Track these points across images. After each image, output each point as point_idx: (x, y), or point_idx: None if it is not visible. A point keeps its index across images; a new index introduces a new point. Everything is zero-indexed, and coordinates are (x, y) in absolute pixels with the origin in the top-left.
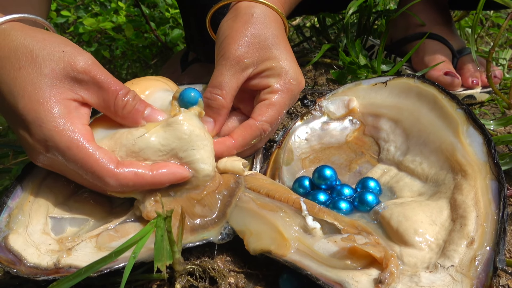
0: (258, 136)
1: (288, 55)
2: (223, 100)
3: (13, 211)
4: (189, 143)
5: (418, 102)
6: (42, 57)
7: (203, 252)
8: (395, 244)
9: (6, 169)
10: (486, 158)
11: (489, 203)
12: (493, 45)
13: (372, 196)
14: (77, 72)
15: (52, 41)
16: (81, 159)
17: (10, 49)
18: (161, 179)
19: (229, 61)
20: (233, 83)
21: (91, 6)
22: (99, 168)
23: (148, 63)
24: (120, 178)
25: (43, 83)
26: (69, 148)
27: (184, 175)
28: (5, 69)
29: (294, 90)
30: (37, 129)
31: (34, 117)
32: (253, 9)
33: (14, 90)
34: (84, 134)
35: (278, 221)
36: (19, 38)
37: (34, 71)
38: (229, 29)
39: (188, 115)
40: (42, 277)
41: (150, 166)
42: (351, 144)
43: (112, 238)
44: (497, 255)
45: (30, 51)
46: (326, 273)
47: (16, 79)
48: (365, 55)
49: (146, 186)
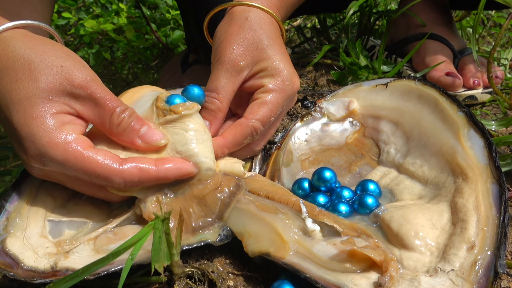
0: (250, 135)
1: (282, 56)
2: (220, 104)
3: (11, 214)
4: (188, 138)
5: (418, 104)
6: (39, 71)
7: (202, 255)
8: (395, 247)
9: (6, 172)
10: (487, 161)
11: (490, 207)
12: (494, 45)
13: (372, 199)
14: (74, 87)
15: (51, 54)
16: (82, 168)
17: (9, 59)
18: (166, 174)
19: (224, 65)
20: (229, 86)
21: (92, 7)
22: (103, 170)
23: (149, 64)
24: (125, 175)
25: (38, 98)
26: (67, 160)
27: (189, 170)
28: (2, 81)
29: (287, 90)
30: (31, 145)
31: (27, 133)
32: (248, 13)
33: (10, 103)
34: (79, 143)
35: (277, 223)
36: (18, 48)
37: (30, 85)
38: (225, 33)
39: (189, 113)
40: (39, 280)
41: (154, 160)
42: (351, 146)
43: (110, 241)
44: (498, 259)
45: (29, 63)
46: (325, 276)
47: (12, 92)
48: (366, 55)
49: (151, 181)
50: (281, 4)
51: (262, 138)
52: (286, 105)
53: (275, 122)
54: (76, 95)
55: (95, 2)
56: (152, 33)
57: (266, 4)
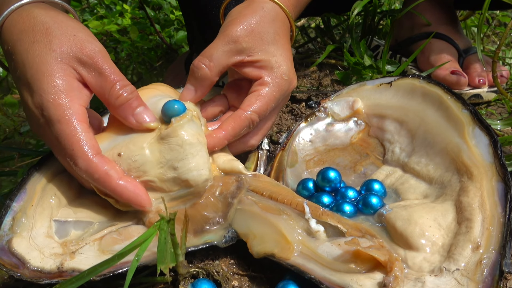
0: (247, 126)
1: (284, 53)
2: (208, 72)
3: (17, 214)
4: (183, 153)
5: (423, 102)
6: (55, 35)
7: (207, 255)
8: (400, 247)
9: (12, 172)
10: (492, 160)
11: (495, 205)
12: (499, 45)
13: (376, 199)
14: (83, 55)
15: (69, 24)
16: (65, 135)
17: (30, 24)
18: (121, 192)
19: (226, 38)
20: (223, 60)
21: (96, 9)
22: (77, 147)
23: (153, 65)
24: (91, 166)
25: (50, 57)
26: (59, 121)
27: (143, 204)
28: (22, 41)
29: (284, 85)
30: (38, 98)
31: (38, 87)
32: (265, 4)
33: (26, 61)
34: (78, 114)
35: (282, 224)
36: (40, 16)
37: (45, 46)
38: (238, 13)
39: (180, 124)
40: (45, 281)
41: (123, 175)
42: (355, 145)
43: (115, 241)
44: (503, 258)
45: (47, 28)
46: (330, 277)
47: (29, 51)
48: (370, 55)
49: (107, 188)
50: (296, 4)
51: (257, 131)
52: (281, 101)
53: (270, 116)
54: (84, 62)
55: (99, 3)
56: (156, 34)
57: (284, 2)
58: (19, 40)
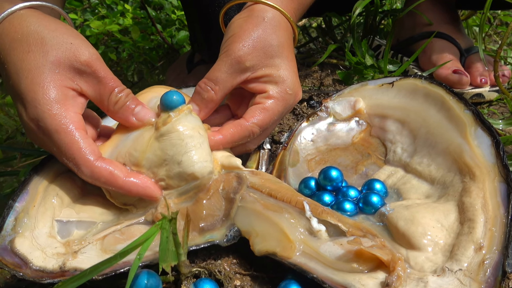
0: (247, 137)
1: (289, 65)
2: (214, 95)
3: (19, 215)
4: (185, 146)
5: (425, 103)
6: (50, 45)
7: (209, 255)
8: (402, 247)
9: (14, 172)
10: (495, 160)
11: (498, 205)
12: (501, 44)
13: (377, 198)
14: (80, 64)
15: (62, 32)
16: (65, 144)
17: (24, 33)
18: (130, 188)
19: (230, 59)
20: (229, 82)
21: (98, 9)
22: (79, 156)
23: (154, 65)
24: (95, 171)
25: (46, 68)
26: (57, 131)
27: (153, 194)
28: (16, 51)
29: (289, 99)
30: (33, 109)
31: (32, 98)
32: (267, 13)
33: (20, 71)
34: (74, 122)
35: (284, 222)
36: (33, 24)
37: (40, 56)
38: (239, 27)
39: (179, 119)
40: (48, 280)
41: (127, 171)
42: (357, 145)
43: (117, 241)
44: (506, 259)
45: (41, 38)
46: (332, 276)
47: (23, 61)
48: (372, 55)
49: (116, 188)
50: (298, 7)
51: (256, 140)
52: (285, 113)
53: (271, 126)
54: (81, 72)
55: (100, 3)
56: (158, 34)
57: (286, 7)
58: (13, 49)
